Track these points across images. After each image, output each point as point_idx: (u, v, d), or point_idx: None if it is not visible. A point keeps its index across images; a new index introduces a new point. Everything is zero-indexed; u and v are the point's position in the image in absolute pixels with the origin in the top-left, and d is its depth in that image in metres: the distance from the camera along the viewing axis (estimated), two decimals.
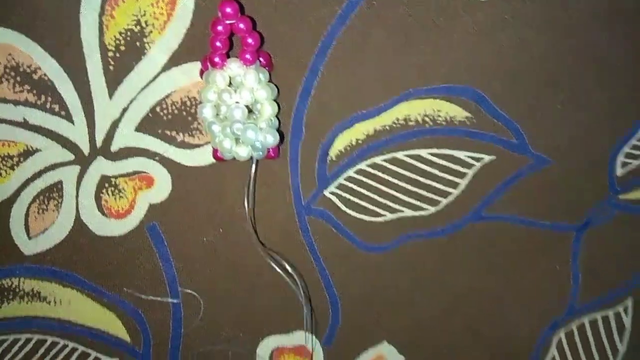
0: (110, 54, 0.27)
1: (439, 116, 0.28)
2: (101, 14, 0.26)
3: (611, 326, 0.34)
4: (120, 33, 0.27)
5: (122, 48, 0.27)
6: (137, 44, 0.27)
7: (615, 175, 0.31)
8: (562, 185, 0.31)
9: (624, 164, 0.31)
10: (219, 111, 0.26)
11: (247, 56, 0.25)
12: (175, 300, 0.26)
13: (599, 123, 0.30)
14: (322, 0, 0.26)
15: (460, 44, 0.27)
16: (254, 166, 0.27)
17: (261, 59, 0.26)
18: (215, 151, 0.27)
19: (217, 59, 0.25)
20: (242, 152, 0.26)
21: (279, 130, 0.27)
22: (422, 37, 0.27)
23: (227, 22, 0.25)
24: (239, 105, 0.25)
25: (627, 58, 0.29)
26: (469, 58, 0.27)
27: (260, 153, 0.27)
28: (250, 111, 0.26)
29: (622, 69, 0.29)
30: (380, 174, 0.29)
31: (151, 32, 0.27)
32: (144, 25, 0.26)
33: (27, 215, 0.29)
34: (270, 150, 0.27)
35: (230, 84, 0.26)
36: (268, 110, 0.26)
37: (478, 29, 0.27)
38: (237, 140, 0.26)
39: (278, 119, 0.27)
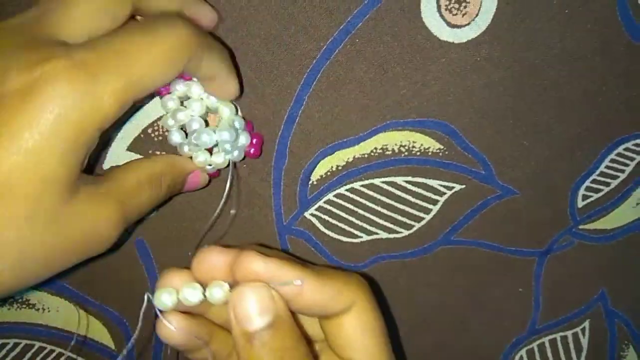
0: None
1: (414, 147, 0.30)
2: None
3: (569, 346, 0.36)
4: None
5: None
6: None
7: (577, 207, 0.33)
8: (526, 214, 0.33)
9: (585, 197, 0.33)
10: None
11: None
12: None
13: (562, 157, 0.32)
14: (309, 36, 0.27)
15: (434, 81, 0.29)
16: (230, 170, 0.28)
17: None
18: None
19: (161, 89, 0.26)
20: (218, 159, 0.27)
21: (252, 131, 0.28)
22: (400, 73, 0.29)
23: None
24: (194, 117, 0.26)
25: (588, 97, 0.31)
26: (443, 94, 0.29)
27: (236, 153, 0.27)
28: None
29: (583, 107, 0.31)
30: (358, 198, 0.31)
31: None
32: None
33: None
34: (249, 150, 0.27)
35: (182, 104, 0.27)
36: (225, 111, 0.26)
37: (451, 68, 0.29)
38: (210, 151, 0.27)
39: (244, 119, 0.27)
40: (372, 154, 0.30)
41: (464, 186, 0.31)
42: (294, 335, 0.21)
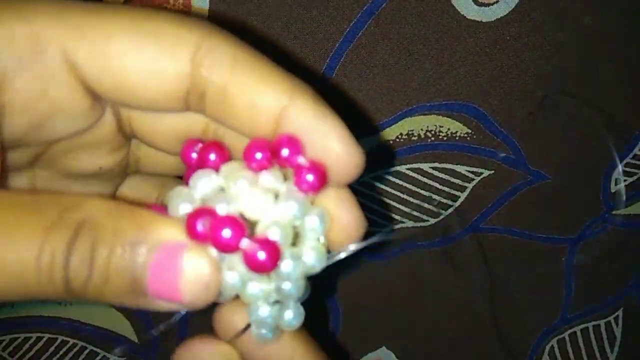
0: None
1: (441, 131, 0.29)
2: None
3: (602, 335, 0.35)
4: None
5: None
6: None
7: (610, 192, 0.32)
8: (557, 200, 0.32)
9: (618, 181, 0.32)
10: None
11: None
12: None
13: (594, 141, 0.31)
14: (331, 18, 0.27)
15: (462, 62, 0.28)
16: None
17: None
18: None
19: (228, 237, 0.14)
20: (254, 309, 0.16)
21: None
22: (426, 55, 0.28)
23: None
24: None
25: (622, 77, 0.29)
26: (471, 76, 0.28)
27: (264, 332, 0.16)
28: None
29: (618, 88, 0.30)
30: (383, 186, 0.30)
31: None
32: None
33: None
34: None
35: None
36: (310, 230, 0.15)
37: (479, 48, 0.28)
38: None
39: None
40: (398, 140, 0.29)
41: (492, 172, 0.31)
42: None
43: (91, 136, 0.16)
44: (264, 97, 0.15)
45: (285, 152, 0.15)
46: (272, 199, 0.15)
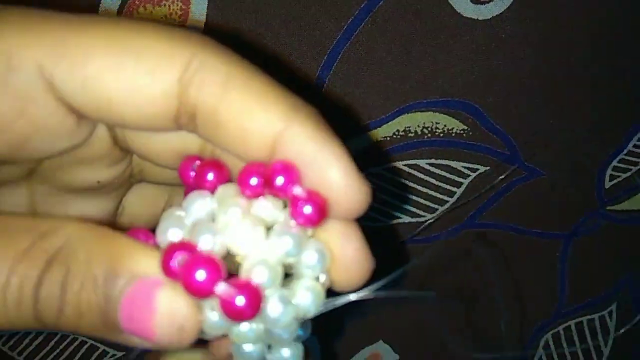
0: None
1: (437, 128, 0.30)
2: None
3: (596, 329, 0.36)
4: None
5: None
6: None
7: (604, 188, 0.33)
8: (552, 196, 0.32)
9: (612, 177, 0.33)
10: None
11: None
12: None
13: (589, 137, 0.31)
14: (329, 15, 0.27)
15: (458, 60, 0.28)
16: None
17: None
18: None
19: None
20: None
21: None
22: (423, 52, 0.28)
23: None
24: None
25: (615, 76, 0.30)
26: (467, 73, 0.29)
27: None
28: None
29: (611, 87, 0.30)
30: (380, 182, 0.31)
31: None
32: None
33: None
34: None
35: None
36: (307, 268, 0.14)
37: (475, 46, 0.28)
38: None
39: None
40: (395, 136, 0.30)
41: (488, 168, 0.31)
42: None
43: (84, 152, 0.15)
44: (257, 121, 0.13)
45: (279, 180, 0.13)
46: (264, 232, 0.13)
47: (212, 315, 0.13)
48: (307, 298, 0.13)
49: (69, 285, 0.12)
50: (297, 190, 0.13)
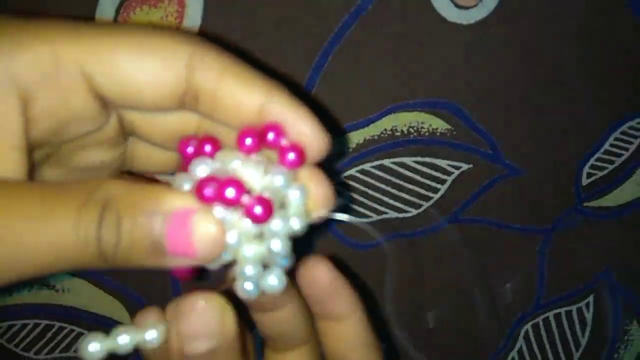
0: None
1: (423, 127, 0.31)
2: None
3: (574, 320, 0.37)
4: None
5: None
6: None
7: (582, 185, 0.34)
8: (532, 193, 0.33)
9: (590, 175, 0.34)
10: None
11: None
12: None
13: (567, 136, 0.32)
14: (319, 19, 0.28)
15: (443, 62, 0.29)
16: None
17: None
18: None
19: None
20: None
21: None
22: (409, 55, 0.29)
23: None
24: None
25: (592, 76, 0.31)
26: (451, 75, 0.30)
27: (248, 288, 0.18)
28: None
29: (588, 86, 0.31)
30: (368, 179, 0.32)
31: None
32: None
33: None
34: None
35: None
36: (294, 197, 0.18)
37: (459, 49, 0.29)
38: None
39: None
40: (382, 135, 0.31)
41: (471, 165, 0.32)
42: None
43: (98, 135, 0.19)
44: (247, 95, 0.17)
45: (270, 135, 0.18)
46: (263, 171, 0.18)
47: (229, 237, 0.17)
48: (296, 221, 0.18)
49: (122, 224, 0.15)
50: (284, 142, 0.18)
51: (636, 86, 0.32)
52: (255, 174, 0.17)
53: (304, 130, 0.18)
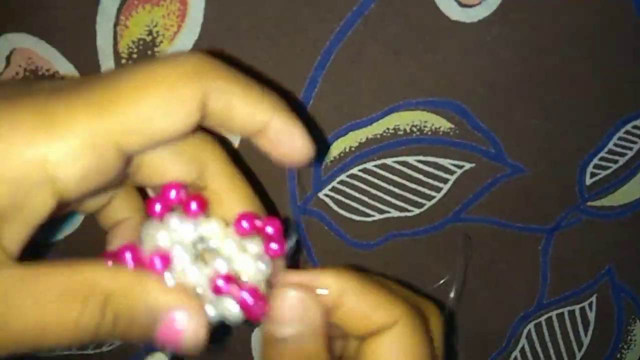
0: (124, 60, 0.29)
1: (425, 126, 0.31)
2: (116, 23, 0.28)
3: (577, 320, 0.37)
4: (133, 42, 0.28)
5: (135, 56, 0.28)
6: (149, 52, 0.28)
7: (585, 184, 0.34)
8: (534, 192, 0.33)
9: (593, 174, 0.34)
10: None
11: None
12: None
13: (570, 135, 0.32)
14: (322, 17, 0.28)
15: (445, 61, 0.29)
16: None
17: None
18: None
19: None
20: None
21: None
22: (412, 54, 0.29)
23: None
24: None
25: (596, 74, 0.31)
26: (453, 74, 0.30)
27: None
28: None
29: (591, 85, 0.31)
30: (370, 178, 0.32)
31: (162, 42, 0.28)
32: (155, 35, 0.28)
33: None
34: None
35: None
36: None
37: (461, 48, 0.29)
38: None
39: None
40: (385, 134, 0.31)
41: (473, 165, 0.32)
42: (320, 350, 0.20)
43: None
44: (255, 117, 0.20)
45: (269, 229, 0.21)
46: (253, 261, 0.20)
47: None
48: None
49: (119, 321, 0.17)
50: (269, 230, 0.21)
51: None
52: (247, 264, 0.20)
53: (297, 144, 0.20)
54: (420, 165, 0.32)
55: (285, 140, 0.20)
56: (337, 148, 0.31)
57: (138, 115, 0.17)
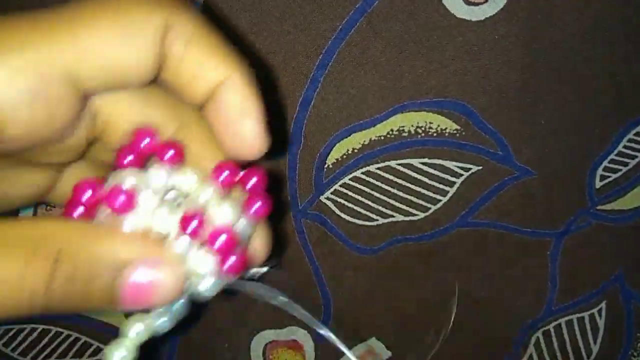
0: None
1: (431, 128, 0.30)
2: None
3: (586, 327, 0.36)
4: None
5: None
6: None
7: (594, 187, 0.33)
8: (543, 195, 0.32)
9: (603, 177, 0.33)
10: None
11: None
12: None
13: (580, 137, 0.31)
14: (324, 15, 0.27)
15: (451, 60, 0.29)
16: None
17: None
18: None
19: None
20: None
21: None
22: (417, 53, 0.28)
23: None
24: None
25: (606, 75, 0.30)
26: (460, 74, 0.29)
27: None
28: None
29: (602, 86, 0.30)
30: (374, 181, 0.31)
31: None
32: None
33: (34, 212, 0.30)
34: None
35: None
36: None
37: (468, 47, 0.28)
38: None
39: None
40: (389, 135, 0.30)
41: (480, 167, 0.31)
42: None
43: (67, 144, 0.17)
44: (205, 72, 0.16)
45: (250, 181, 0.18)
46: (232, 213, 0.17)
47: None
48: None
49: (75, 280, 0.14)
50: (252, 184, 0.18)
51: None
52: (226, 215, 0.16)
53: (245, 131, 0.17)
54: (426, 168, 0.31)
55: (234, 119, 0.17)
56: (340, 150, 0.30)
57: (91, 40, 0.15)
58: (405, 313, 0.34)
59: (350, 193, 0.31)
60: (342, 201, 0.31)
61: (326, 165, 0.30)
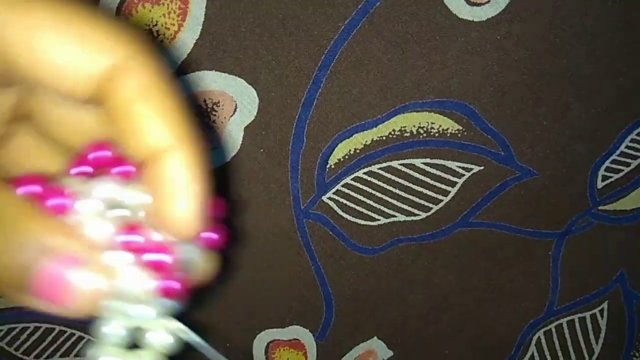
0: None
1: (433, 128, 0.30)
2: None
3: (587, 327, 0.36)
4: None
5: None
6: None
7: (596, 188, 0.33)
8: (545, 196, 0.32)
9: (605, 177, 0.33)
10: None
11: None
12: None
13: (582, 138, 0.31)
14: (326, 16, 0.27)
15: (453, 60, 0.29)
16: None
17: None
18: None
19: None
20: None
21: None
22: (419, 53, 0.28)
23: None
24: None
25: (608, 76, 0.30)
26: (462, 74, 0.29)
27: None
28: None
29: (604, 87, 0.30)
30: (376, 181, 0.31)
31: (162, 41, 0.28)
32: (155, 34, 0.28)
33: None
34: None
35: None
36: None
37: (470, 47, 0.28)
38: None
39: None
40: (391, 136, 0.30)
41: (482, 167, 0.31)
42: None
43: None
44: (147, 135, 0.15)
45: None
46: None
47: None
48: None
49: None
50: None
51: None
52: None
53: (176, 211, 0.15)
54: (427, 168, 0.31)
55: (168, 195, 0.15)
56: (342, 150, 0.30)
57: (38, 38, 0.14)
58: (407, 313, 0.34)
59: (352, 193, 0.31)
60: (344, 201, 0.31)
61: (328, 166, 0.30)
